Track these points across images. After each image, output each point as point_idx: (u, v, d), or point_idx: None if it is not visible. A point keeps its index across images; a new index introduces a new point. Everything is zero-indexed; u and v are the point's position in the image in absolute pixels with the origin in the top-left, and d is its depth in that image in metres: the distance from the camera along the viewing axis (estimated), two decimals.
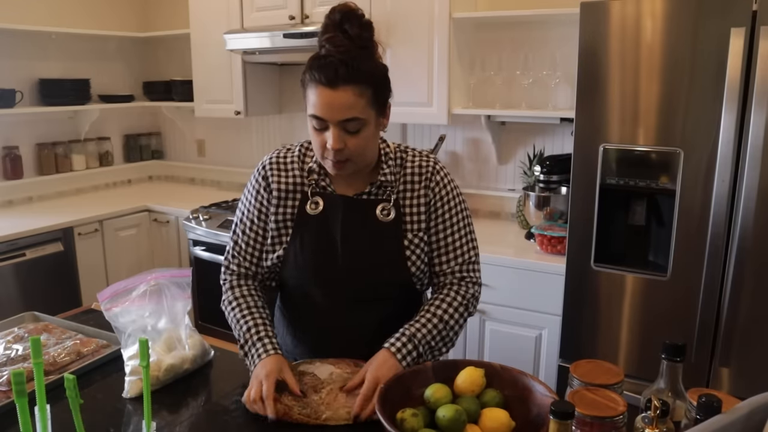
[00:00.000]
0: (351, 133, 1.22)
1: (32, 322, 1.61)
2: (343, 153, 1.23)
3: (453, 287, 1.37)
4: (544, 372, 2.37)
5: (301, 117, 3.55)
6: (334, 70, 1.17)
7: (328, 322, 1.38)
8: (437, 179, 1.37)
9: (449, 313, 1.33)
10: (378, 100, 1.25)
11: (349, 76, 1.18)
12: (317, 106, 1.20)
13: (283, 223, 1.37)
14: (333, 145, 1.21)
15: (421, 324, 1.29)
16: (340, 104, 1.19)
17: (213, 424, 1.19)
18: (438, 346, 1.31)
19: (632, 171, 1.97)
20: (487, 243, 2.54)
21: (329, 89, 1.18)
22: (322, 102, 1.19)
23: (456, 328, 1.35)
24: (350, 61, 1.19)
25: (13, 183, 3.38)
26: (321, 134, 1.24)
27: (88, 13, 3.69)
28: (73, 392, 0.83)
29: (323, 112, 1.20)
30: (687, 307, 1.95)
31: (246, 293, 1.39)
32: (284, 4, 2.98)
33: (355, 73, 1.19)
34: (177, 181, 4.17)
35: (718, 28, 1.76)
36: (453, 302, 1.34)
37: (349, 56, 1.19)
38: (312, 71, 1.21)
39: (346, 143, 1.22)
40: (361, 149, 1.25)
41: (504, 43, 2.81)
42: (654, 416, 0.90)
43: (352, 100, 1.19)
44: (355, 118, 1.21)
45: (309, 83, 1.22)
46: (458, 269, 1.38)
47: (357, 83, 1.19)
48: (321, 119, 1.21)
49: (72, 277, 3.09)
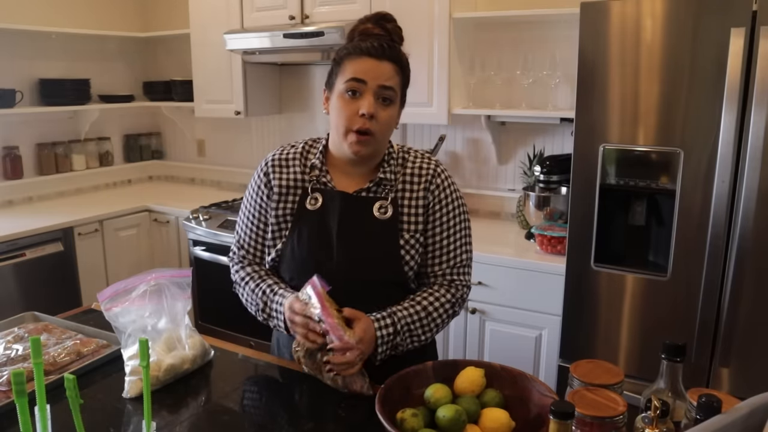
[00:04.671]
0: (384, 103, 1.29)
1: (32, 322, 1.61)
2: (372, 125, 1.28)
3: (443, 286, 1.38)
4: (544, 372, 2.37)
5: (300, 117, 3.55)
6: (381, 46, 1.28)
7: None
8: (438, 182, 1.38)
9: (434, 306, 1.34)
10: (404, 90, 1.35)
11: (393, 54, 1.29)
12: (360, 71, 1.27)
13: (283, 218, 1.39)
14: (368, 108, 1.26)
15: (404, 307, 1.32)
16: (383, 72, 1.28)
17: (213, 424, 1.19)
18: (417, 332, 1.32)
19: (632, 171, 1.97)
20: (487, 243, 2.54)
21: (375, 59, 1.27)
22: (366, 67, 1.27)
23: (438, 321, 1.35)
24: (392, 43, 1.31)
25: (13, 183, 3.38)
26: (354, 102, 1.28)
27: (88, 13, 3.69)
28: (73, 392, 0.83)
29: (366, 74, 1.27)
30: (687, 307, 1.95)
31: (256, 270, 1.43)
32: (284, 4, 2.98)
33: (397, 54, 1.31)
34: (177, 181, 4.17)
35: (718, 28, 1.77)
36: (441, 298, 1.36)
37: (389, 39, 1.31)
38: (357, 45, 1.29)
39: (377, 113, 1.28)
40: (387, 126, 1.32)
41: (504, 43, 2.81)
42: (654, 416, 0.90)
43: (392, 73, 1.29)
44: (391, 88, 1.29)
45: (350, 55, 1.29)
46: (449, 272, 1.39)
47: (397, 63, 1.30)
48: (361, 81, 1.27)
49: (72, 277, 3.09)
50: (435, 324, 1.35)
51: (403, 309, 1.31)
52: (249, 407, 1.25)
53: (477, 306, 2.45)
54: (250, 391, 1.31)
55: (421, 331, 1.32)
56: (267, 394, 1.30)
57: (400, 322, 1.29)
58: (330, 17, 2.83)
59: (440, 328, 1.37)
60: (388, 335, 1.26)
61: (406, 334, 1.30)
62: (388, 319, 1.28)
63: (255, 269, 1.43)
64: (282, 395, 1.28)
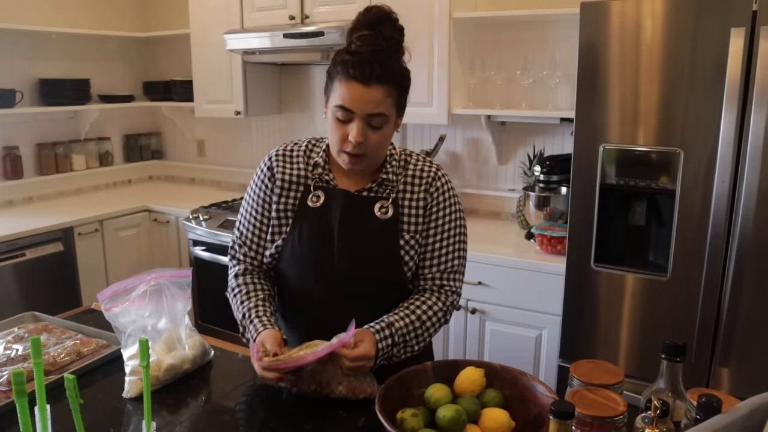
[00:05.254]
0: (374, 128, 1.26)
1: (32, 322, 1.61)
2: (363, 147, 1.27)
3: (434, 293, 1.38)
4: (544, 372, 2.37)
5: (300, 117, 3.55)
6: (370, 68, 1.21)
7: (322, 315, 1.38)
8: (437, 185, 1.38)
9: (428, 315, 1.34)
10: (401, 102, 1.30)
11: (382, 75, 1.22)
12: (346, 99, 1.24)
13: (284, 213, 1.39)
14: (356, 137, 1.24)
15: (400, 317, 1.31)
16: (370, 100, 1.23)
17: (213, 424, 1.19)
18: (411, 342, 1.32)
19: (632, 171, 1.97)
20: (487, 243, 2.54)
21: (362, 85, 1.22)
22: (353, 96, 1.23)
23: (431, 330, 1.36)
24: (384, 60, 1.23)
25: (13, 183, 3.38)
26: (344, 126, 1.27)
27: (88, 13, 3.69)
28: (73, 392, 0.83)
29: (352, 104, 1.23)
30: (687, 307, 1.95)
31: (249, 281, 1.42)
32: (284, 4, 2.98)
33: (388, 73, 1.23)
34: (177, 181, 4.17)
35: (718, 28, 1.76)
36: (433, 306, 1.36)
37: (382, 55, 1.23)
38: (345, 66, 1.23)
39: (367, 138, 1.26)
40: (379, 146, 1.30)
41: (504, 43, 2.81)
42: (654, 416, 0.90)
43: (382, 97, 1.24)
44: (380, 114, 1.25)
45: (339, 76, 1.25)
46: (438, 276, 1.38)
47: (388, 83, 1.24)
48: (348, 111, 1.24)
49: (72, 277, 3.09)
50: (428, 333, 1.35)
51: (400, 320, 1.31)
52: (249, 407, 1.25)
53: (477, 306, 2.45)
54: (250, 391, 1.31)
55: (414, 342, 1.33)
56: (267, 394, 1.30)
57: (396, 333, 1.29)
58: (330, 17, 2.83)
59: (431, 337, 1.38)
60: (387, 347, 1.27)
61: (401, 344, 1.30)
62: (387, 331, 1.28)
63: (247, 281, 1.41)
64: (282, 395, 1.28)
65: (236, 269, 1.45)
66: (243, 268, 1.44)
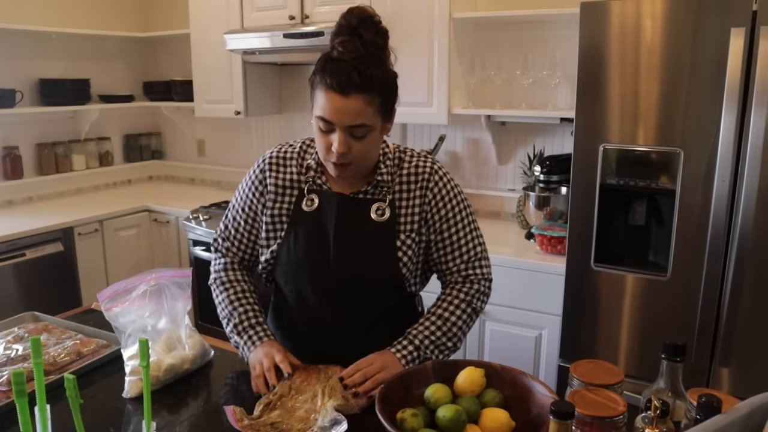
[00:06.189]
0: (357, 138, 1.23)
1: (32, 322, 1.61)
2: (347, 157, 1.24)
3: (456, 285, 1.38)
4: (544, 372, 2.37)
5: (301, 117, 3.55)
6: (347, 77, 1.17)
7: (318, 318, 1.38)
8: (435, 179, 1.37)
9: (450, 311, 1.35)
10: (386, 108, 1.26)
11: (361, 84, 1.18)
12: (326, 110, 1.21)
13: (278, 218, 1.38)
14: (338, 148, 1.22)
15: (424, 327, 1.33)
16: (349, 111, 1.19)
17: (213, 424, 1.19)
18: (444, 342, 1.33)
19: (632, 171, 1.97)
20: (487, 243, 2.52)
21: (340, 95, 1.18)
22: (331, 107, 1.19)
23: (460, 324, 1.35)
24: (363, 69, 1.18)
25: (13, 183, 3.38)
26: (326, 136, 1.25)
27: (88, 13, 3.69)
28: (73, 392, 0.83)
29: (332, 116, 1.20)
30: (687, 307, 1.95)
31: (240, 278, 1.44)
32: (284, 4, 2.98)
33: (367, 81, 1.18)
34: (177, 181, 4.17)
35: (718, 28, 1.76)
36: (454, 300, 1.36)
37: (362, 63, 1.18)
38: (323, 74, 1.20)
39: (350, 147, 1.23)
40: (365, 154, 1.27)
41: (504, 43, 2.81)
42: (654, 416, 0.90)
43: (362, 107, 1.19)
44: (362, 125, 1.22)
45: (319, 85, 1.22)
46: (464, 267, 1.39)
47: (368, 91, 1.19)
48: (328, 122, 1.22)
49: (72, 277, 3.09)
50: (458, 328, 1.35)
51: (419, 325, 1.33)
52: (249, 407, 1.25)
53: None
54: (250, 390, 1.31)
55: (446, 339, 1.33)
56: None
57: (417, 338, 1.31)
58: (330, 17, 2.83)
59: (466, 329, 1.38)
60: (409, 353, 1.29)
61: (431, 346, 1.31)
62: (405, 341, 1.30)
63: (238, 277, 1.44)
64: None
65: (219, 262, 1.47)
66: (226, 261, 1.47)
